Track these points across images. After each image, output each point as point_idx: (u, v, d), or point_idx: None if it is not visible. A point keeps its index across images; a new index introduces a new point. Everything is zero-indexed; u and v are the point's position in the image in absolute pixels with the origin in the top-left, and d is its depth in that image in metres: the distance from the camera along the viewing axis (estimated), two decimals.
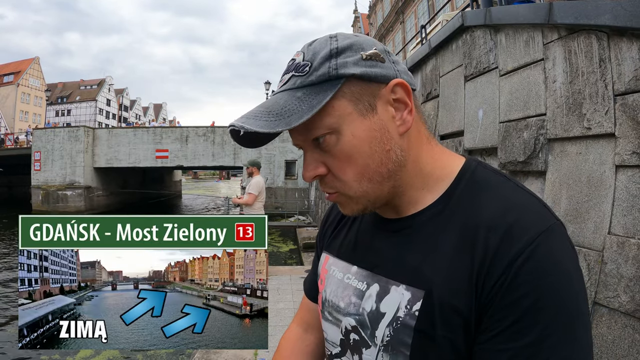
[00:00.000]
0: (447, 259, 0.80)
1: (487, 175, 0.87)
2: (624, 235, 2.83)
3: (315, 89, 0.79)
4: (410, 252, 0.86)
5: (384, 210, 0.94)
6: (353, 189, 0.84)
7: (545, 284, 0.71)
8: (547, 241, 0.74)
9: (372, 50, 0.82)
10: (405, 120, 0.83)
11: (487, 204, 0.81)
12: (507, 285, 0.72)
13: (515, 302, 0.71)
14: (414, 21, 30.85)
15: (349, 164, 0.82)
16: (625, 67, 2.90)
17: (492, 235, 0.76)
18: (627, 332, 2.70)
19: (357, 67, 0.80)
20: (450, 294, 0.77)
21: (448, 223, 0.83)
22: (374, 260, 0.93)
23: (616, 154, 2.96)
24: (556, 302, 0.71)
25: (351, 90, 0.80)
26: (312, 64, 0.81)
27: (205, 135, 32.83)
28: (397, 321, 0.83)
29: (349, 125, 0.81)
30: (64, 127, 36.23)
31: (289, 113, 0.77)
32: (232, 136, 0.83)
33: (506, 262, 0.73)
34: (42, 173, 32.14)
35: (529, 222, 0.76)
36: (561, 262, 0.73)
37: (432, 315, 0.79)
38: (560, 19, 3.52)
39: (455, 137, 5.84)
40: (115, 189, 35.23)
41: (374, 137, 0.81)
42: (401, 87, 0.82)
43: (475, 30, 5.26)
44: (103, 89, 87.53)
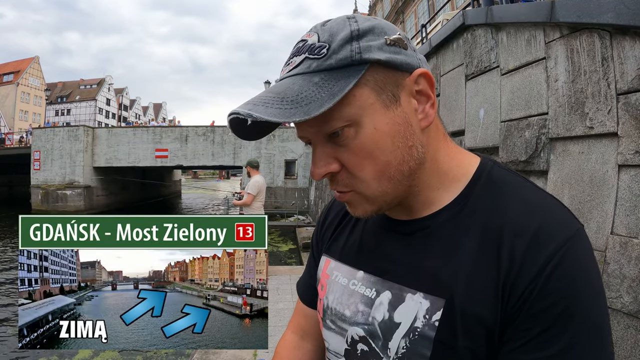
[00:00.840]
0: (469, 264, 0.74)
1: (504, 175, 0.81)
2: (626, 236, 2.82)
3: (336, 74, 0.70)
4: (427, 257, 0.79)
5: (395, 211, 0.86)
6: (371, 188, 0.76)
7: (574, 291, 0.67)
8: (574, 247, 0.70)
9: (396, 35, 0.74)
10: (428, 114, 0.76)
11: (509, 205, 0.75)
12: (536, 294, 0.68)
13: (545, 310, 0.67)
14: (414, 21, 30.86)
15: (369, 160, 0.74)
16: (628, 66, 2.88)
17: (518, 241, 0.71)
18: (629, 333, 2.69)
19: (381, 52, 0.71)
20: (473, 302, 0.72)
21: (468, 225, 0.77)
22: (383, 265, 0.86)
23: (619, 154, 2.94)
24: (584, 309, 0.67)
25: (375, 78, 0.72)
26: (331, 46, 0.71)
27: (205, 134, 32.82)
28: (414, 332, 0.77)
29: (371, 117, 0.72)
30: (64, 127, 36.16)
31: (306, 100, 0.67)
32: (231, 126, 0.74)
33: (535, 270, 0.68)
34: (41, 172, 32.14)
35: (556, 227, 0.71)
36: (588, 269, 0.70)
37: (453, 325, 0.73)
38: (562, 17, 3.51)
39: (456, 136, 5.82)
40: (114, 189, 35.25)
41: (397, 131, 0.73)
42: (425, 78, 0.75)
43: (477, 29, 5.25)
44: (103, 89, 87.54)
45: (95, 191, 32.99)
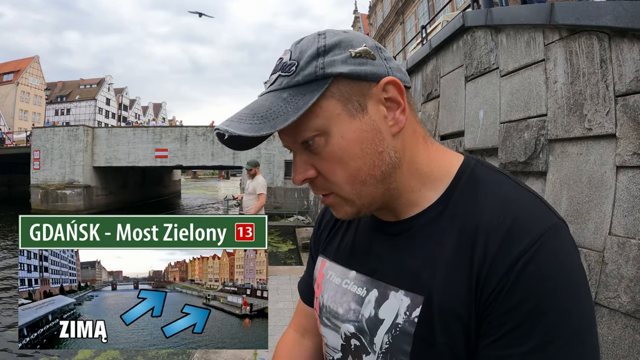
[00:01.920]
0: (447, 262, 0.77)
1: (486, 173, 0.83)
2: (624, 236, 2.83)
3: (302, 89, 0.76)
4: (410, 256, 0.83)
5: (382, 213, 0.90)
6: (346, 191, 0.81)
7: (548, 288, 0.68)
8: (549, 242, 0.70)
9: (361, 48, 0.78)
10: (398, 120, 0.79)
11: (487, 204, 0.77)
12: (507, 290, 0.69)
13: (516, 307, 0.68)
14: (414, 22, 30.85)
15: (340, 166, 0.79)
16: (626, 68, 2.89)
17: (492, 238, 0.72)
18: (627, 333, 2.70)
19: (345, 65, 0.76)
20: (450, 299, 0.75)
21: (447, 225, 0.79)
22: (373, 265, 0.90)
23: (617, 155, 2.95)
24: (560, 306, 0.67)
25: (340, 90, 0.76)
26: (299, 63, 0.77)
27: (205, 134, 32.81)
28: (396, 328, 0.81)
29: (338, 126, 0.77)
30: (64, 126, 36.14)
31: (274, 115, 0.74)
32: (219, 139, 0.79)
33: (506, 265, 0.70)
34: (41, 172, 32.12)
35: (530, 222, 0.72)
36: (565, 263, 0.70)
37: (431, 321, 0.76)
38: (561, 19, 3.52)
39: (455, 137, 5.83)
40: (114, 189, 35.23)
41: (365, 138, 0.77)
42: (393, 85, 0.78)
43: (476, 30, 5.26)
44: (103, 88, 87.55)
45: (95, 191, 32.98)
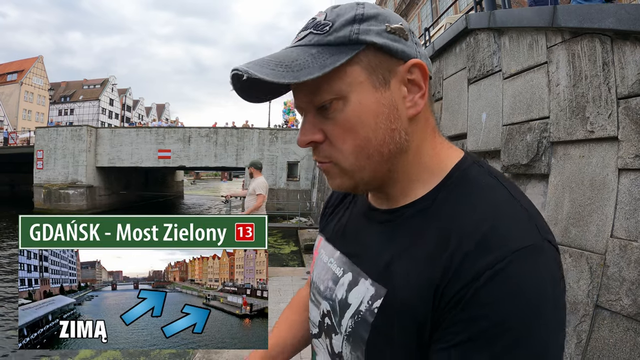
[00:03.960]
0: (418, 260, 0.75)
1: (480, 175, 0.80)
2: (626, 239, 2.82)
3: (332, 49, 0.76)
4: (386, 247, 0.83)
5: (377, 198, 0.91)
6: (349, 160, 0.80)
7: (507, 309, 0.64)
8: (522, 261, 0.66)
9: (397, 25, 0.78)
10: (417, 104, 0.79)
11: (470, 207, 0.75)
12: (466, 300, 0.66)
13: (472, 320, 0.66)
14: (418, 24, 30.88)
15: (351, 134, 0.78)
16: (629, 71, 2.89)
17: (464, 243, 0.70)
18: (629, 336, 2.69)
19: (379, 37, 0.76)
20: (410, 297, 0.74)
21: (428, 222, 0.78)
22: (355, 248, 0.92)
23: (619, 158, 2.95)
24: (516, 332, 0.64)
25: (368, 59, 0.77)
26: (334, 25, 0.76)
27: (208, 135, 32.88)
28: (358, 314, 0.82)
29: (358, 93, 0.77)
30: (67, 126, 36.24)
31: (299, 67, 0.73)
32: (233, 83, 0.78)
33: (471, 275, 0.67)
34: (44, 172, 32.22)
35: (507, 236, 0.69)
36: (536, 289, 0.66)
37: (390, 315, 0.76)
38: (564, 22, 3.52)
39: (458, 139, 5.83)
40: (117, 189, 35.31)
41: (381, 112, 0.77)
42: (419, 69, 0.79)
43: (479, 33, 5.26)
44: (106, 89, 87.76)
45: (98, 191, 33.08)
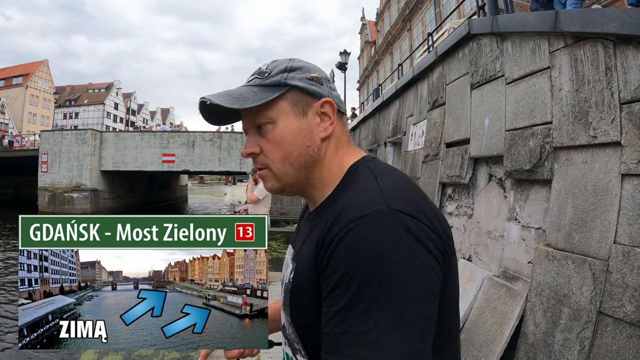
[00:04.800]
0: (311, 241, 1.01)
1: (362, 171, 1.05)
2: (629, 245, 2.81)
3: (268, 89, 1.06)
4: (302, 237, 1.12)
5: (309, 204, 1.19)
6: (277, 167, 1.08)
7: (352, 261, 0.85)
8: (364, 225, 0.87)
9: (315, 74, 1.09)
10: (326, 129, 1.08)
11: (343, 196, 1.00)
12: (326, 260, 0.90)
13: (331, 274, 0.88)
14: (421, 28, 30.88)
15: (278, 147, 1.07)
16: (631, 76, 2.89)
17: (330, 220, 0.94)
18: (632, 342, 2.68)
19: (301, 82, 1.06)
20: (304, 266, 1.00)
21: (323, 214, 1.03)
22: (297, 242, 1.17)
23: (622, 163, 2.94)
24: (362, 277, 0.82)
25: (292, 96, 1.06)
26: (271, 73, 1.08)
27: (212, 140, 32.91)
28: (285, 287, 1.10)
29: (284, 119, 1.06)
30: (72, 130, 36.32)
31: (243, 98, 1.04)
32: (200, 108, 1.10)
33: (328, 241, 0.91)
34: (49, 175, 32.28)
35: (354, 208, 0.91)
36: (374, 243, 0.84)
37: (296, 283, 1.03)
38: (566, 27, 3.51)
39: (461, 145, 5.83)
40: (121, 192, 35.35)
41: (299, 133, 1.06)
42: (329, 105, 1.08)
43: (482, 38, 5.26)
44: (111, 93, 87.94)
45: (102, 194, 33.10)
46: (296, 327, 1.08)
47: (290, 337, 1.14)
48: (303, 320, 1.04)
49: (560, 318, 3.30)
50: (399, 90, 10.15)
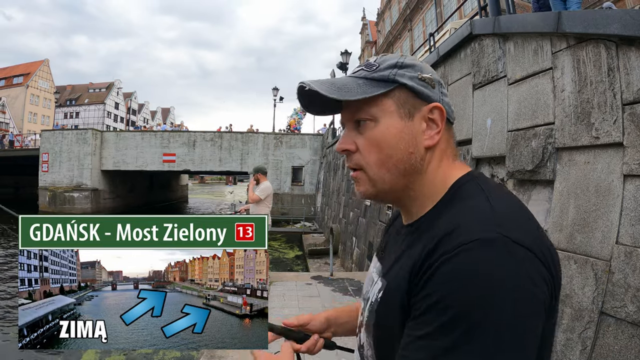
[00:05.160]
0: (407, 259, 0.91)
1: (469, 188, 0.95)
2: (631, 245, 2.81)
3: (374, 83, 0.97)
4: (396, 252, 1.02)
5: (404, 216, 1.08)
6: (373, 170, 0.99)
7: (451, 288, 0.76)
8: (472, 251, 0.77)
9: (428, 75, 0.98)
10: (432, 138, 0.97)
11: (449, 214, 0.90)
12: (424, 281, 0.81)
13: (425, 297, 0.79)
14: (422, 29, 30.91)
15: (376, 148, 0.97)
16: (634, 77, 2.88)
17: (435, 239, 0.84)
18: (634, 343, 2.67)
19: (411, 81, 0.96)
20: (396, 287, 0.90)
21: (423, 231, 0.93)
22: (385, 258, 1.09)
23: (624, 164, 2.93)
24: (458, 309, 0.74)
25: (399, 95, 0.97)
26: (379, 66, 0.99)
27: (213, 140, 33.00)
28: (371, 305, 1.01)
29: (387, 119, 0.96)
30: (72, 130, 36.39)
31: (346, 90, 0.96)
32: (298, 93, 1.04)
33: (431, 261, 0.81)
34: (49, 174, 32.38)
35: (466, 230, 0.81)
36: (480, 274, 0.75)
37: (385, 302, 0.95)
38: (569, 27, 3.51)
39: (463, 145, 5.82)
40: (122, 192, 35.41)
41: (402, 137, 0.96)
42: (438, 111, 0.97)
43: (484, 38, 5.25)
44: (112, 92, 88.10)
45: (102, 194, 33.20)
46: (377, 350, 0.99)
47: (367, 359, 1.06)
48: (386, 345, 0.94)
49: (562, 318, 3.30)
50: None
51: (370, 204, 12.60)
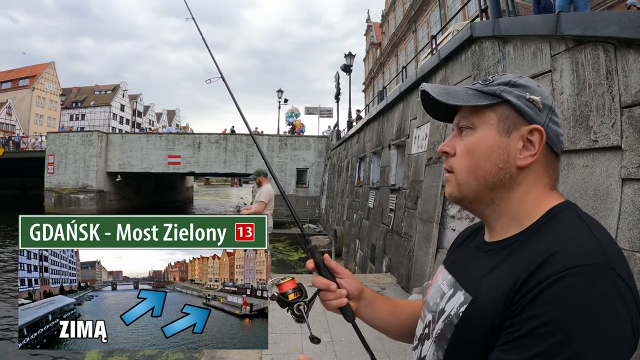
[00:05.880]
0: (500, 277, 0.90)
1: (567, 216, 0.94)
2: (629, 250, 2.81)
3: (482, 95, 1.01)
4: (481, 268, 0.99)
5: (487, 233, 1.09)
6: (462, 175, 1.03)
7: (560, 313, 0.75)
8: (579, 276, 0.77)
9: (537, 97, 0.98)
10: (525, 159, 0.97)
11: (548, 237, 0.89)
12: (526, 303, 0.80)
13: (528, 319, 0.78)
14: (427, 30, 30.86)
15: (468, 155, 1.01)
16: (632, 79, 2.89)
17: (536, 259, 0.83)
18: None
19: (517, 99, 0.98)
20: (487, 304, 0.89)
21: (516, 251, 0.93)
22: (462, 271, 1.08)
23: (622, 167, 2.94)
24: (564, 334, 0.74)
25: (502, 111, 0.99)
26: (492, 82, 1.02)
27: (218, 142, 33.01)
28: (448, 318, 0.99)
29: (484, 130, 1.00)
30: (78, 132, 36.50)
31: (453, 95, 1.02)
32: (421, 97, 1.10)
33: (534, 283, 0.80)
34: (55, 176, 32.45)
35: (571, 254, 0.81)
36: (587, 300, 0.76)
37: (470, 318, 0.92)
38: (567, 30, 3.52)
39: None
40: (127, 194, 35.47)
41: (494, 150, 0.98)
42: (538, 133, 0.96)
43: (484, 41, 5.26)
44: (117, 95, 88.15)
45: (108, 196, 33.25)
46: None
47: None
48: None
49: None
50: (403, 93, 10.15)
51: (373, 206, 12.58)
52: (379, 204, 11.86)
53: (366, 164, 15.07)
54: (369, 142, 15.07)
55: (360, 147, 16.96)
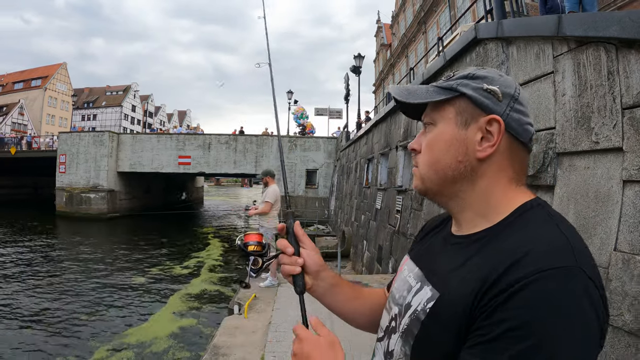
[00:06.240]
0: (468, 273, 0.89)
1: (538, 213, 0.93)
2: (629, 252, 2.77)
3: (440, 90, 1.02)
4: (449, 262, 0.99)
5: (454, 226, 1.09)
6: (423, 169, 1.05)
7: (529, 317, 0.75)
8: (552, 279, 0.77)
9: (494, 87, 0.98)
10: (484, 150, 0.97)
11: (518, 235, 0.88)
12: (496, 306, 0.78)
13: (498, 322, 0.77)
14: (436, 31, 30.78)
15: (429, 150, 1.04)
16: (634, 80, 2.84)
17: (505, 260, 0.82)
18: (630, 352, 2.64)
19: (473, 91, 0.98)
20: (454, 301, 0.88)
21: (485, 247, 0.92)
22: (430, 264, 1.07)
23: (624, 169, 2.90)
24: (536, 338, 0.73)
25: (459, 104, 1.00)
26: (453, 77, 1.03)
27: (228, 143, 33.21)
28: (415, 313, 0.98)
29: (443, 125, 1.01)
30: (90, 132, 36.82)
31: (412, 94, 1.05)
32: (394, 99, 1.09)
33: (504, 285, 0.79)
34: (66, 175, 32.85)
35: (542, 256, 0.80)
36: (557, 302, 0.75)
37: (437, 314, 0.92)
38: (569, 30, 3.48)
39: None
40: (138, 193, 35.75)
41: (452, 144, 1.00)
42: (497, 123, 0.96)
43: (488, 42, 5.23)
44: (128, 95, 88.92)
45: (119, 195, 33.56)
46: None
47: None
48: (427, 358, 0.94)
49: None
50: None
51: (380, 207, 12.57)
52: (386, 205, 11.87)
53: (374, 166, 15.06)
54: (377, 143, 15.06)
55: (368, 149, 16.96)
